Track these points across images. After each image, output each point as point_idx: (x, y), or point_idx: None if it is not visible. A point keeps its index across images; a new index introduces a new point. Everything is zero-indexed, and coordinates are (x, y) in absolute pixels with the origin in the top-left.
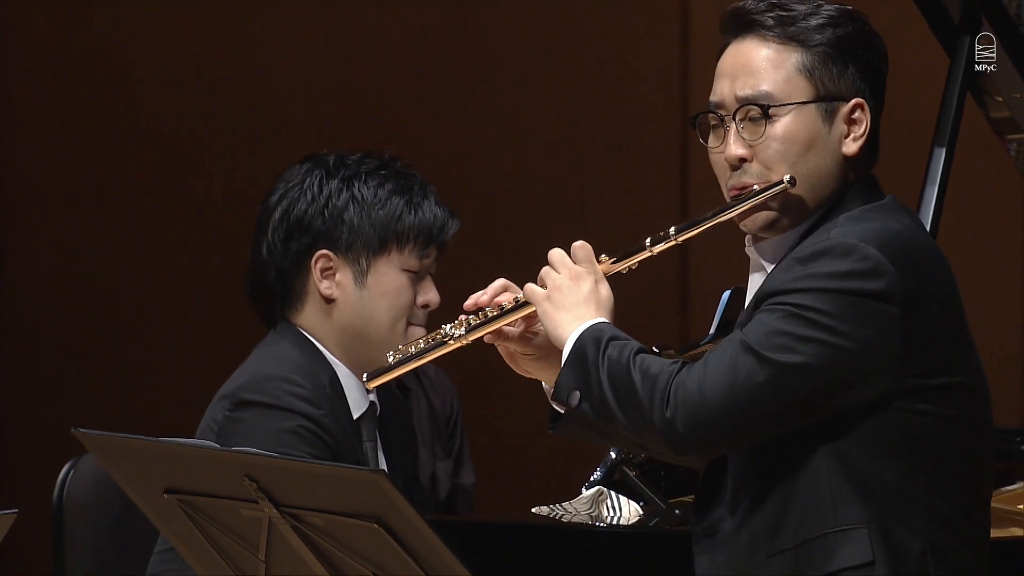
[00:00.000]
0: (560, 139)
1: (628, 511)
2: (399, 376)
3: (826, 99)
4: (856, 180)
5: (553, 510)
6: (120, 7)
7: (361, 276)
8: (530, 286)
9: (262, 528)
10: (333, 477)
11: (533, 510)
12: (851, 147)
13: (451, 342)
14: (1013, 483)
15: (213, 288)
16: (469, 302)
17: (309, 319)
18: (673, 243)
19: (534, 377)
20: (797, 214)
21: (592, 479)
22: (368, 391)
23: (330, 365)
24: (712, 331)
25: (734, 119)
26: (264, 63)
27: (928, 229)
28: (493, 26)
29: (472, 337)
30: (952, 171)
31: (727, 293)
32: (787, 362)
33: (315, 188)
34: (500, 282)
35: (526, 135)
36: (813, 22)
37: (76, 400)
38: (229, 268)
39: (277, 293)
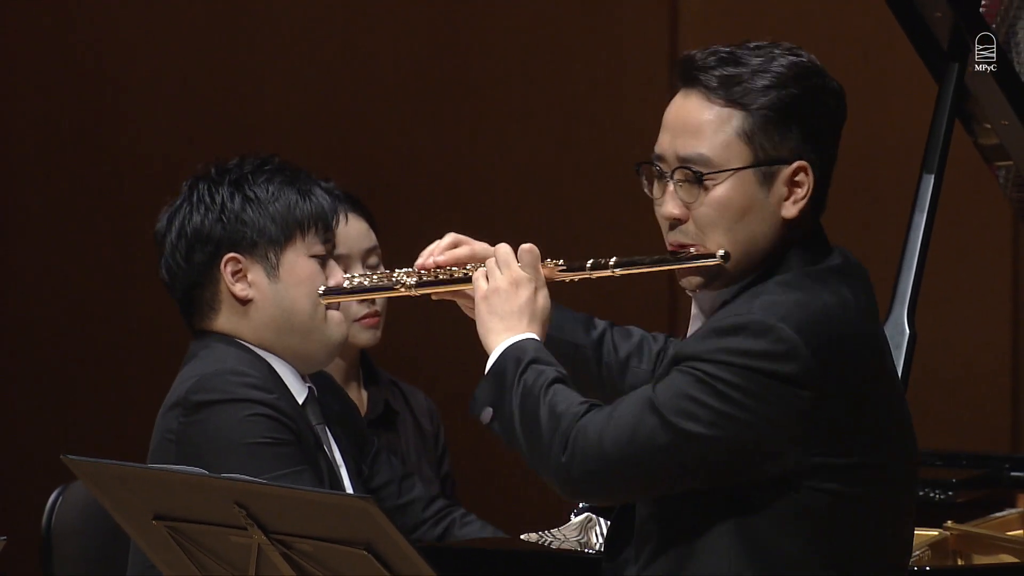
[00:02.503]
0: (548, 159)
1: None
2: (354, 300)
3: (765, 163)
4: (799, 238)
5: (542, 536)
6: (108, 28)
7: (273, 270)
8: (477, 276)
9: (251, 554)
10: (322, 503)
11: (522, 536)
12: (791, 210)
13: (400, 288)
14: (1001, 510)
15: None
16: (421, 259)
17: (226, 325)
18: (609, 273)
19: None
20: (731, 277)
21: (581, 505)
22: (307, 383)
23: (262, 358)
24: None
25: (672, 177)
26: (253, 85)
27: (917, 257)
28: (481, 47)
29: (420, 292)
30: (941, 197)
31: None
32: (689, 430)
33: (207, 199)
34: (451, 237)
35: (514, 155)
36: (759, 83)
37: (64, 426)
38: None
39: (185, 308)
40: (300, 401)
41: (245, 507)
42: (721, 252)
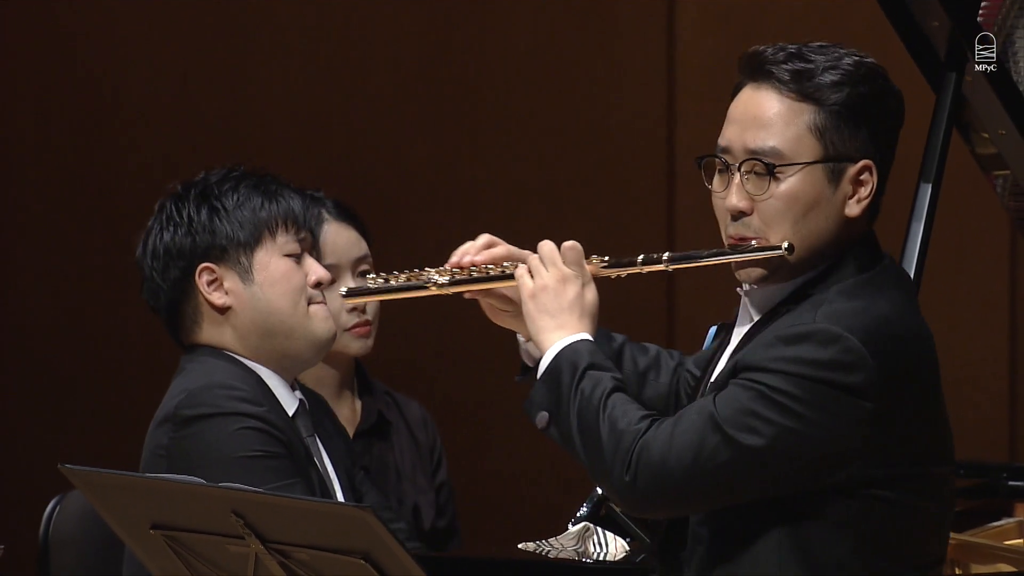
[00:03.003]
0: (545, 167)
1: (614, 547)
2: (378, 300)
3: (834, 160)
4: (855, 241)
5: (539, 546)
6: (107, 34)
7: (247, 274)
8: (521, 274)
9: (248, 564)
10: (319, 513)
11: (519, 546)
12: (854, 209)
13: (432, 287)
14: (999, 519)
15: None
16: (455, 258)
17: (211, 336)
18: (663, 268)
19: (510, 328)
20: (791, 272)
21: (579, 515)
22: (297, 395)
23: (251, 369)
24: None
25: (739, 169)
26: (250, 92)
27: (914, 266)
28: (477, 55)
29: (453, 290)
30: (938, 207)
31: (713, 329)
32: (752, 445)
33: (175, 216)
34: (485, 238)
35: (510, 163)
36: (829, 78)
37: (62, 435)
38: None
39: (169, 323)
40: (290, 413)
41: (242, 516)
42: (786, 244)
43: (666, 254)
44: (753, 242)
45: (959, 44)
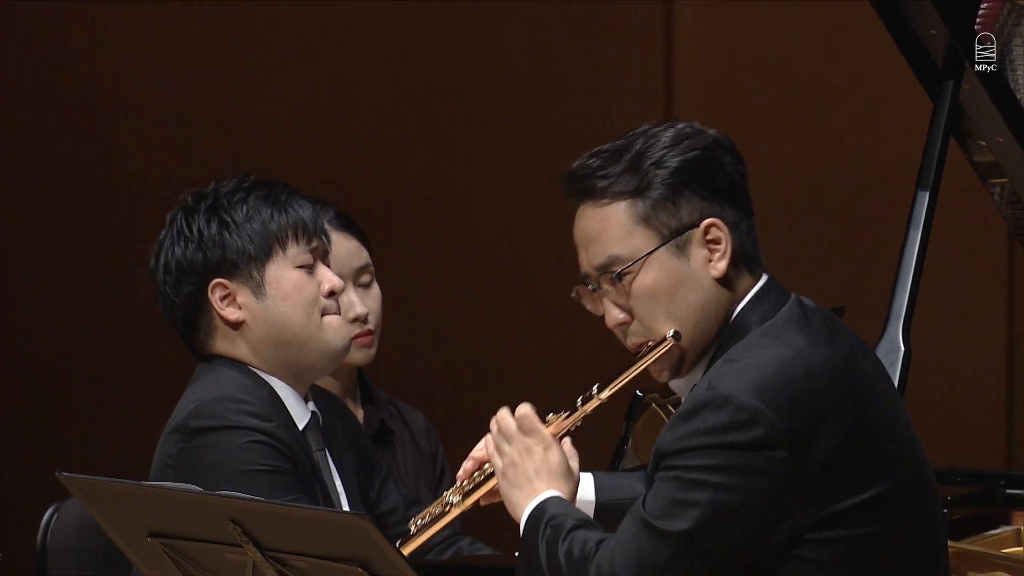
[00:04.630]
0: (542, 178)
1: None
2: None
3: (672, 237)
4: (743, 295)
5: None
6: (102, 53)
7: (259, 288)
8: (492, 452)
9: (246, 572)
10: (318, 521)
11: (517, 554)
12: (719, 267)
13: (453, 509)
14: (996, 527)
15: None
16: (460, 472)
17: (226, 347)
18: (598, 401)
19: None
20: (696, 354)
21: None
22: (310, 407)
23: (265, 381)
24: None
25: (600, 288)
26: (246, 105)
27: (912, 274)
28: (474, 66)
29: (469, 501)
30: (936, 214)
31: None
32: (686, 530)
33: (185, 230)
34: (479, 450)
35: (507, 175)
36: (639, 167)
37: (59, 444)
38: None
39: (185, 335)
40: (301, 426)
41: (240, 524)
42: (671, 332)
43: (595, 386)
44: (649, 343)
45: (956, 52)
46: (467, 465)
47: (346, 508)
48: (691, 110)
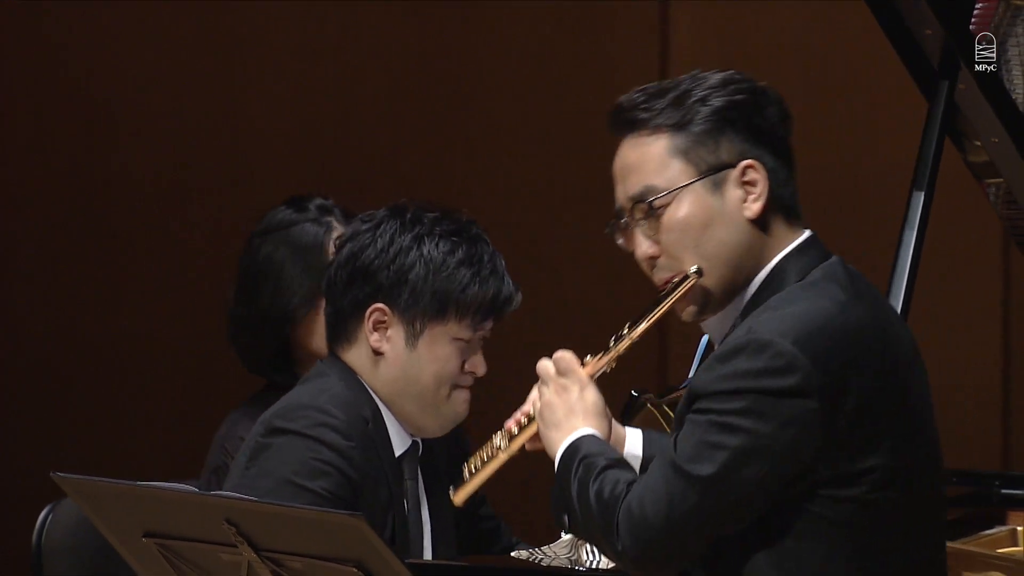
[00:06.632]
0: (540, 179)
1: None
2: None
3: (709, 173)
4: (783, 243)
5: (532, 554)
6: (99, 51)
7: (413, 338)
8: (533, 399)
9: (241, 572)
10: (312, 521)
11: (512, 554)
12: (752, 208)
13: (500, 453)
14: (992, 528)
15: (194, 332)
16: (508, 421)
17: (356, 361)
18: (629, 340)
19: None
20: (723, 294)
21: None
22: (412, 437)
23: (374, 401)
24: (691, 375)
25: (632, 219)
26: (244, 106)
27: (907, 274)
28: (472, 68)
29: (516, 445)
30: (931, 214)
31: (705, 338)
32: (712, 474)
33: (386, 239)
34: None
35: (505, 176)
36: (683, 103)
37: (54, 444)
38: (210, 312)
39: (330, 325)
40: (398, 453)
41: (235, 524)
42: (693, 268)
43: (626, 326)
44: (675, 279)
45: (952, 52)
46: (516, 415)
47: (426, 543)
48: None
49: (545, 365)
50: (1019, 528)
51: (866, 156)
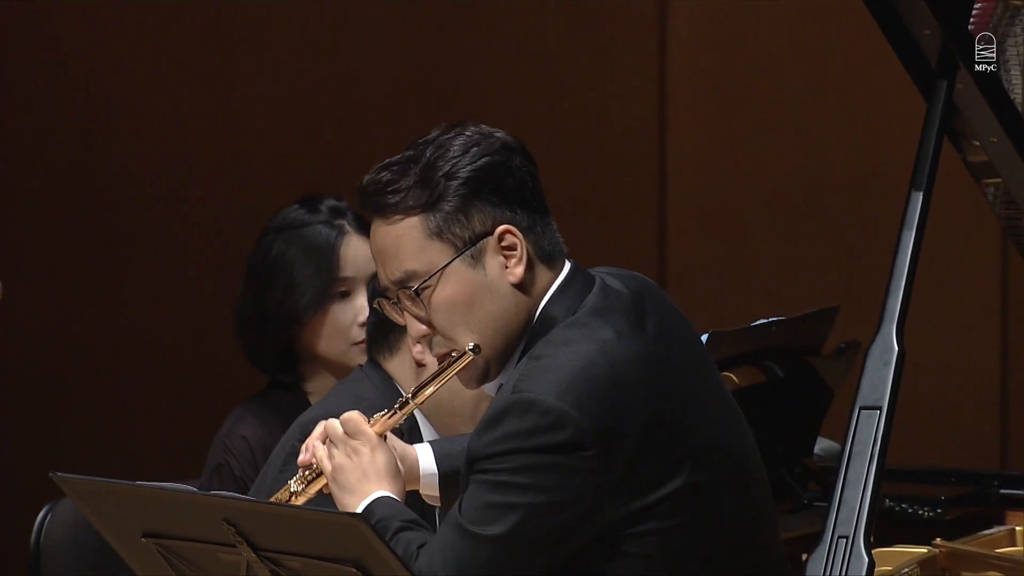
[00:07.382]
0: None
1: None
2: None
3: (466, 248)
4: (546, 290)
5: None
6: (97, 52)
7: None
8: (321, 457)
9: (240, 572)
10: (311, 521)
11: None
12: (516, 273)
13: (295, 498)
14: (991, 527)
15: (194, 332)
16: (300, 459)
17: (398, 371)
18: (413, 406)
19: None
20: (502, 361)
21: None
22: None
23: (412, 413)
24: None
25: (400, 303)
26: (243, 106)
27: (905, 275)
28: (470, 69)
29: (306, 497)
30: (929, 215)
31: (704, 337)
32: (501, 534)
33: None
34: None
35: None
36: (430, 180)
37: (53, 444)
38: (208, 312)
39: (371, 333)
40: None
41: (234, 524)
42: (470, 346)
43: (410, 391)
44: (453, 354)
45: (950, 52)
46: (303, 457)
47: None
48: (685, 108)
49: (333, 425)
50: (1017, 528)
51: (864, 155)
